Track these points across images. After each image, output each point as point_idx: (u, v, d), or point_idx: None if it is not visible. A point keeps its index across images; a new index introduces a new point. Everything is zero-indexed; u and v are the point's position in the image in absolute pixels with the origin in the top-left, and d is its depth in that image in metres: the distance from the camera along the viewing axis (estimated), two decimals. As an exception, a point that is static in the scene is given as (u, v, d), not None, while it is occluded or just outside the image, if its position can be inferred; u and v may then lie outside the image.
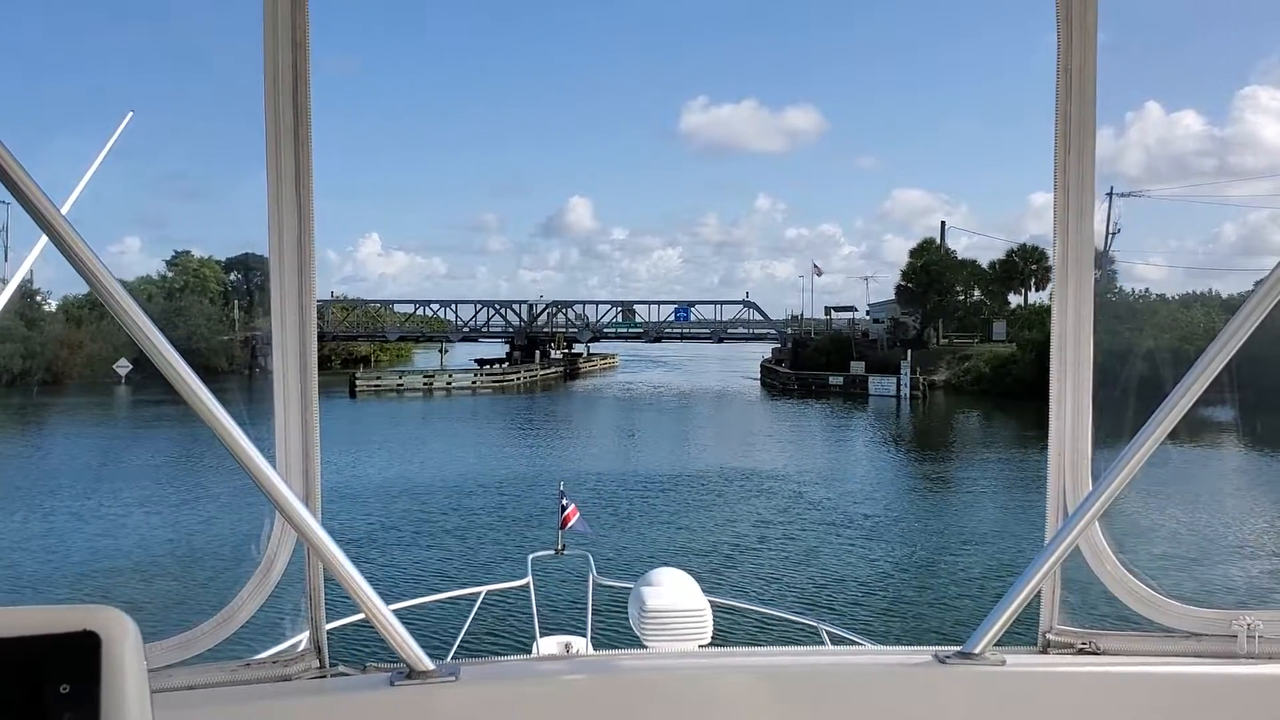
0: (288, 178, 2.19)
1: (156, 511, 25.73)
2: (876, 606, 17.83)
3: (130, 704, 1.25)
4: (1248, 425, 26.34)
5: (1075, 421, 2.40)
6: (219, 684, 2.18)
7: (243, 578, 2.26)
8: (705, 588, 4.43)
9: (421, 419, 56.05)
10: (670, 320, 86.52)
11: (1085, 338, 2.39)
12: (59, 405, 50.53)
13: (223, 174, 16.07)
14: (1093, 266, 2.37)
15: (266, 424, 2.26)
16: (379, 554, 21.89)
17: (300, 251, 2.22)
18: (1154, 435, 2.19)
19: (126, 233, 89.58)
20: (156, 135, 49.96)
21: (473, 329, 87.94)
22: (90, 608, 1.27)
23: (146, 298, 60.75)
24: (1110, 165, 60.95)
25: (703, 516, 26.68)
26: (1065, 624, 2.44)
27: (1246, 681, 2.32)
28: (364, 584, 2.15)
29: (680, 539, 23.95)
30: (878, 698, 2.37)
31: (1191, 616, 2.40)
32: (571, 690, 2.34)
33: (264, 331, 2.25)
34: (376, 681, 2.23)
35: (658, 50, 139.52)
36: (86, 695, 1.23)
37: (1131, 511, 14.19)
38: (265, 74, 2.16)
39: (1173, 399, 2.17)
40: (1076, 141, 2.31)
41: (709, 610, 4.18)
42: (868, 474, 36.15)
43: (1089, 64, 2.28)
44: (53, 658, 1.24)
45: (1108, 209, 55.79)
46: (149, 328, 1.89)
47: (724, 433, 48.73)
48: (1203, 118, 74.61)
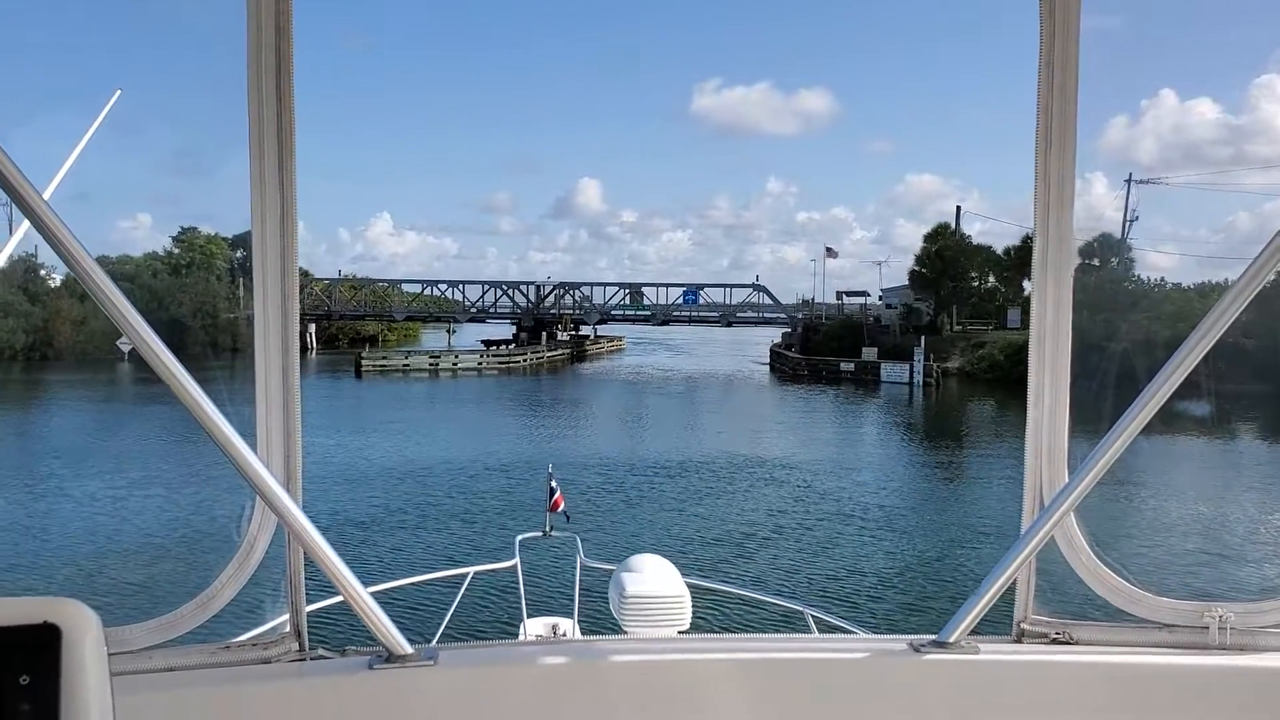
0: (270, 159, 2.18)
1: (149, 494, 25.52)
2: (897, 601, 17.54)
3: (90, 696, 1.26)
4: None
5: (1053, 413, 2.42)
6: (198, 666, 2.20)
7: (223, 561, 2.27)
8: (688, 573, 4.44)
9: (426, 400, 55.91)
10: (679, 303, 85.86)
11: (1064, 329, 2.38)
12: (60, 382, 50.23)
13: (234, 153, 15.61)
14: (1073, 259, 2.36)
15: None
16: (382, 537, 21.80)
17: (283, 233, 2.22)
18: (1130, 428, 2.23)
19: (139, 209, 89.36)
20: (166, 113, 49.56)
21: (480, 309, 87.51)
22: (51, 600, 1.28)
23: (151, 274, 60.32)
24: (1123, 153, 60.78)
25: (711, 505, 26.41)
26: (1040, 614, 2.47)
27: (1218, 672, 2.35)
28: (343, 568, 2.18)
29: (688, 527, 23.73)
30: (852, 685, 2.40)
31: (1164, 608, 2.43)
32: (550, 675, 2.35)
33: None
34: (355, 665, 2.25)
35: (671, 32, 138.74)
36: (45, 687, 1.24)
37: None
38: (248, 56, 2.15)
39: (1148, 393, 2.20)
40: (1058, 134, 2.31)
41: (688, 596, 4.19)
42: (880, 462, 35.86)
43: (1071, 57, 2.28)
44: (13, 649, 1.25)
45: (1125, 196, 55.01)
46: (125, 307, 1.91)
47: (732, 418, 48.24)
48: (1218, 105, 73.48)
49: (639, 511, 25.42)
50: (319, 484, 26.65)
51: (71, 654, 1.26)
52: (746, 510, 25.70)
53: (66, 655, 1.26)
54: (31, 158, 1.86)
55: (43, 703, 1.24)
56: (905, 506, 26.91)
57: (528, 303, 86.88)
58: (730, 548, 21.54)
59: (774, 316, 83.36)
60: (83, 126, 3.69)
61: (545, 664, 2.37)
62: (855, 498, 27.48)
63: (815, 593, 17.63)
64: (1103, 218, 53.08)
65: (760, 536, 22.66)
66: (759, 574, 19.15)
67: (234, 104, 2.20)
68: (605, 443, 38.36)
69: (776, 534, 23.05)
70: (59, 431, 37.82)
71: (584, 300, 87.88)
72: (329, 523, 21.89)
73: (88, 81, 31.28)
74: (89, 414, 43.06)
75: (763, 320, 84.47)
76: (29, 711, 1.24)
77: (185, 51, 16.16)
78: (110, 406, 45.11)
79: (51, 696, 1.24)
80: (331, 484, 27.09)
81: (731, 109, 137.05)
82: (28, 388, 49.80)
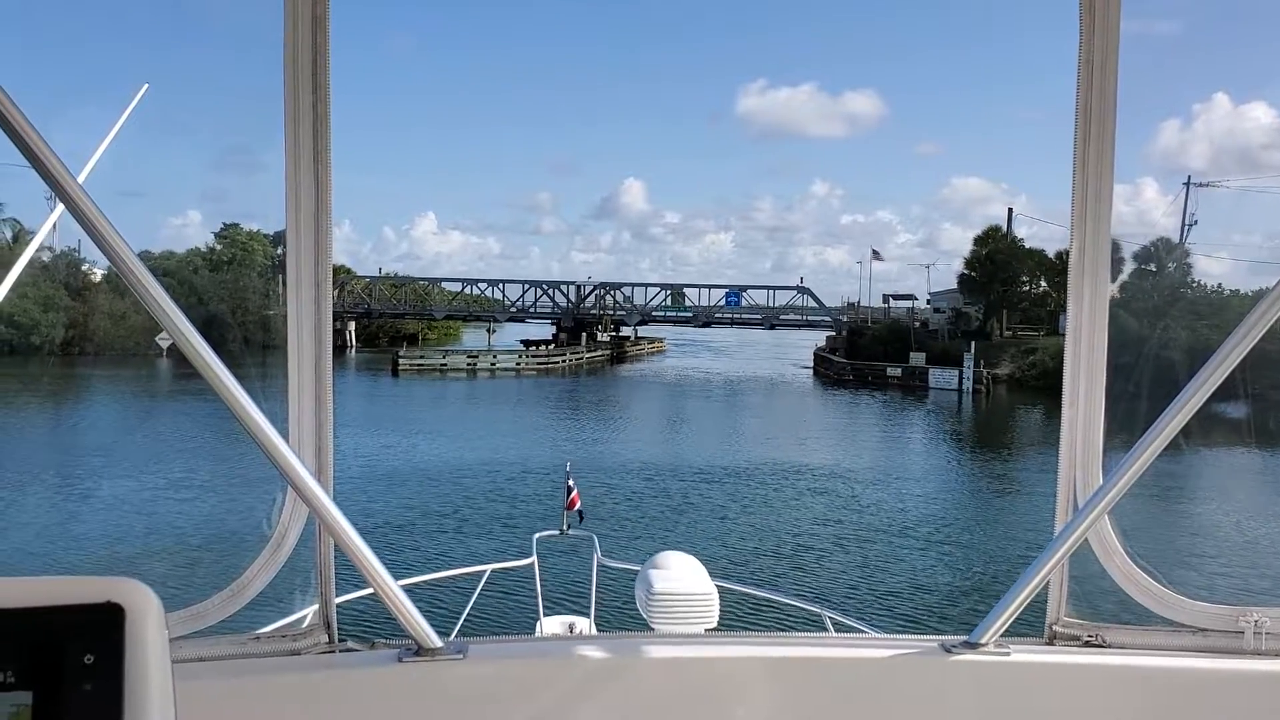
0: (305, 153, 2.19)
1: (185, 487, 25.47)
2: (957, 618, 16.86)
3: (153, 675, 1.27)
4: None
5: (1088, 415, 2.40)
6: (228, 656, 2.19)
7: (254, 551, 2.26)
8: (713, 572, 4.39)
9: (463, 400, 55.52)
10: (721, 305, 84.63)
11: (1100, 331, 2.39)
12: (97, 376, 50.45)
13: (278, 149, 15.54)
14: (1109, 263, 2.33)
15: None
16: (411, 540, 21.50)
17: (317, 227, 2.23)
18: (1165, 431, 2.19)
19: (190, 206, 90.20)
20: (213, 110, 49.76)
21: (520, 309, 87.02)
22: (114, 580, 1.29)
23: (193, 270, 60.50)
24: (1174, 158, 59.41)
25: (756, 513, 25.54)
26: (1072, 616, 2.44)
27: (1253, 678, 2.31)
28: (374, 559, 2.16)
29: (731, 534, 23.00)
30: (882, 686, 2.36)
31: (1198, 612, 2.38)
32: (578, 670, 2.35)
33: None
34: (384, 658, 2.24)
35: (717, 33, 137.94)
36: (110, 666, 1.24)
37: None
38: (285, 50, 2.15)
39: (1184, 396, 2.17)
40: (1096, 136, 2.29)
41: (716, 594, 4.11)
42: (930, 471, 34.64)
43: (1110, 56, 2.26)
44: (77, 628, 1.25)
45: (1184, 200, 53.32)
46: (164, 300, 1.90)
47: (775, 423, 47.19)
48: (1274, 110, 70.79)
49: (681, 519, 24.73)
50: (351, 483, 26.36)
51: (135, 633, 1.26)
52: (793, 520, 24.80)
53: (130, 635, 1.25)
54: (75, 150, 1.92)
55: (107, 682, 1.23)
56: (957, 518, 25.88)
57: (568, 302, 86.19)
58: (779, 559, 20.75)
59: (818, 319, 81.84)
60: (120, 120, 3.86)
61: (574, 659, 2.37)
62: (906, 508, 26.41)
63: (874, 609, 16.85)
64: (1156, 224, 52.33)
65: (815, 549, 21.81)
66: (819, 587, 18.35)
67: (276, 99, 2.18)
68: (644, 447, 37.59)
69: (836, 546, 22.20)
70: (97, 427, 37.85)
71: (625, 301, 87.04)
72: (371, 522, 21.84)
73: (123, 76, 31.50)
74: (127, 408, 43.22)
75: (806, 323, 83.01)
76: (92, 691, 1.23)
77: (226, 47, 16.17)
78: (153, 402, 45.23)
79: (115, 676, 1.24)
80: (366, 482, 26.88)
81: (777, 110, 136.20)
82: (65, 381, 50.04)
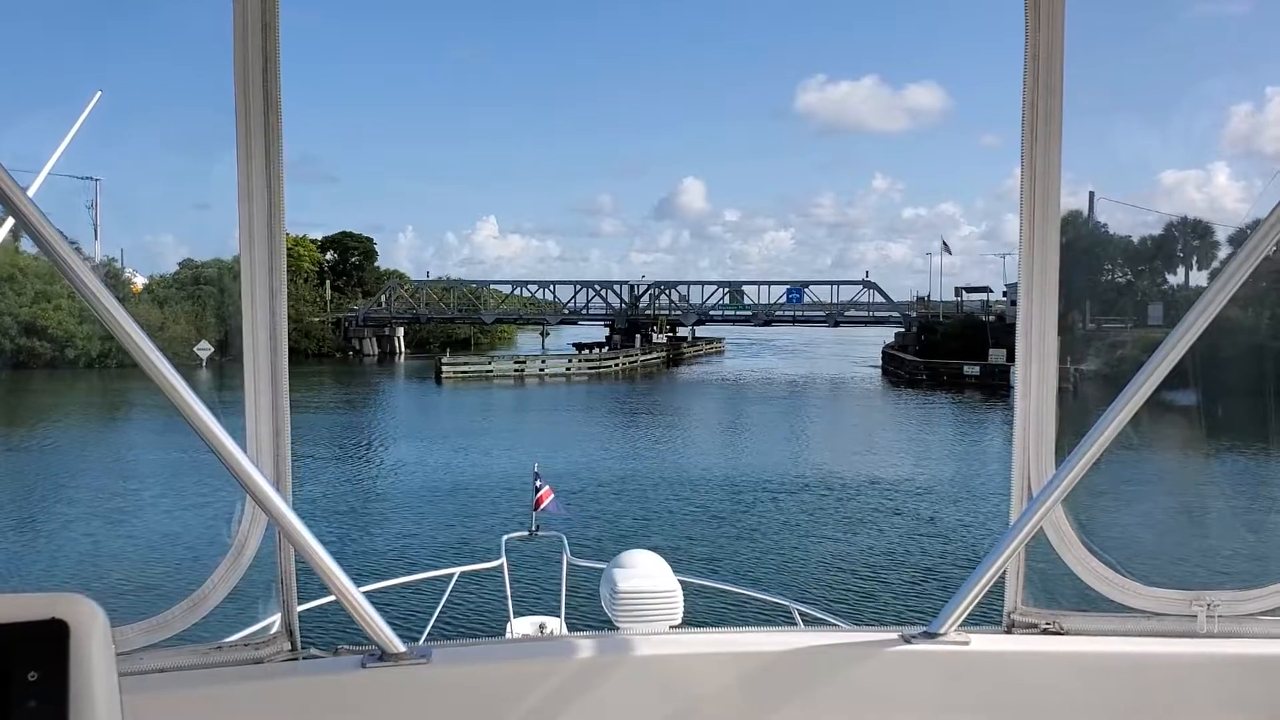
0: (258, 159, 2.18)
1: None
2: None
3: (98, 691, 1.27)
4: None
5: (1040, 404, 2.41)
6: (190, 667, 2.18)
7: (214, 562, 2.24)
8: (675, 567, 4.18)
9: (510, 410, 53.02)
10: (782, 302, 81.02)
11: (1050, 322, 2.39)
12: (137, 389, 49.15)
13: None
14: (1057, 252, 2.34)
15: (364, 410, 16.91)
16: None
17: (270, 234, 2.22)
18: (1117, 420, 2.22)
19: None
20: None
21: (572, 311, 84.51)
22: (59, 595, 1.28)
23: (233, 276, 59.32)
24: (1247, 142, 56.03)
25: (822, 538, 22.43)
26: (1029, 605, 2.47)
27: (1206, 659, 2.36)
28: (335, 566, 2.15)
29: (793, 559, 20.51)
30: (844, 676, 2.40)
31: (1153, 596, 2.42)
32: (544, 671, 2.34)
33: (359, 312, 21.30)
34: (348, 664, 2.23)
35: (777, 29, 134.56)
36: (54, 682, 1.24)
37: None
38: (234, 56, 2.14)
39: (1134, 385, 2.20)
40: (1043, 128, 2.31)
41: (680, 591, 4.03)
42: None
43: (1055, 49, 2.26)
44: (21, 645, 1.25)
45: (1260, 191, 49.70)
46: (113, 304, 1.88)
47: (842, 430, 43.85)
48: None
49: (742, 545, 21.84)
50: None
51: (79, 650, 1.25)
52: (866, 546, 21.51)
53: (74, 651, 1.25)
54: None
55: (51, 699, 1.23)
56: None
57: (621, 303, 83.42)
58: (855, 593, 17.99)
59: (885, 315, 77.85)
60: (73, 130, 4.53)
61: (540, 660, 2.38)
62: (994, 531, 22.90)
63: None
64: (1226, 209, 49.31)
65: (896, 582, 18.76)
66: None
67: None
68: (698, 458, 34.68)
69: (922, 574, 19.25)
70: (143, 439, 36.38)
71: (681, 300, 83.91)
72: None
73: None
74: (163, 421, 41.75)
75: (873, 319, 79.10)
76: (37, 708, 1.22)
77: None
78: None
79: (60, 692, 1.23)
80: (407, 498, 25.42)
81: (836, 106, 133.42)
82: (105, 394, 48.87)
